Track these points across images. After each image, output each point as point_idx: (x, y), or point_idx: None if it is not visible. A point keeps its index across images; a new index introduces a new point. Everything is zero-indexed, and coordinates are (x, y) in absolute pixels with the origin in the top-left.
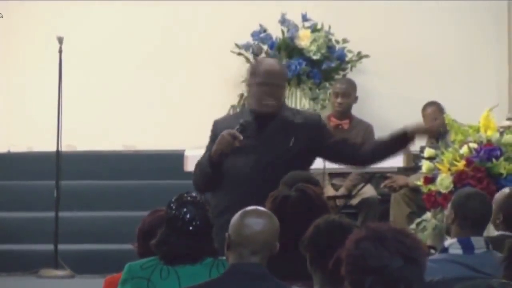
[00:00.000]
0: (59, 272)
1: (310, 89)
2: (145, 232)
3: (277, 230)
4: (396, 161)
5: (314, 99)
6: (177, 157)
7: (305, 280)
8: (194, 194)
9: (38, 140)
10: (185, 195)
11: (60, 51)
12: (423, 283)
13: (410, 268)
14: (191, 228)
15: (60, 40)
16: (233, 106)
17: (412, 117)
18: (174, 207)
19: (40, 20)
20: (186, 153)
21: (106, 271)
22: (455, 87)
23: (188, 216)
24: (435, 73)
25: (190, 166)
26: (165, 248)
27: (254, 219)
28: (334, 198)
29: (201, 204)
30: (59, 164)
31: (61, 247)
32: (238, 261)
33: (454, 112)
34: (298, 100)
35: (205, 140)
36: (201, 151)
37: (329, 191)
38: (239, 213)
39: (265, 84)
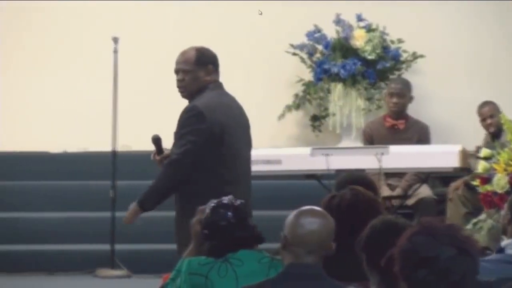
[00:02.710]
0: (116, 272)
1: (365, 89)
2: (197, 234)
3: (333, 229)
4: (452, 161)
5: (369, 99)
6: None
7: (361, 281)
8: (228, 197)
9: (94, 140)
10: (216, 201)
11: (115, 51)
12: (479, 281)
13: (462, 258)
14: (224, 225)
15: (115, 40)
16: (287, 106)
17: (468, 117)
18: (208, 211)
19: (95, 20)
20: None
21: (162, 271)
22: (511, 87)
23: (219, 217)
24: (491, 73)
25: None
26: (209, 248)
27: (310, 219)
28: (390, 198)
29: (231, 202)
30: (115, 164)
31: (117, 247)
32: (294, 261)
33: (510, 112)
34: (353, 100)
35: (261, 140)
36: (257, 152)
37: (385, 192)
38: (294, 213)
39: (175, 72)
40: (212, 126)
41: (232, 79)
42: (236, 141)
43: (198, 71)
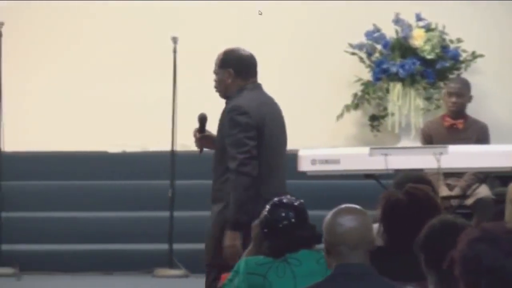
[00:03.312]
0: (174, 272)
1: (424, 88)
2: (256, 233)
3: (371, 224)
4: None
5: (428, 98)
6: (291, 157)
7: (419, 281)
8: (287, 196)
9: (153, 140)
10: (278, 197)
11: (175, 51)
12: None
13: None
14: (285, 225)
15: (175, 40)
16: (346, 106)
17: None
18: (268, 210)
19: (154, 20)
20: (300, 153)
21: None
22: None
23: (281, 216)
24: None
25: (304, 166)
26: (269, 248)
27: (347, 216)
28: (448, 198)
29: (291, 202)
30: (174, 163)
31: (176, 246)
32: (340, 260)
33: None
34: (412, 100)
35: (320, 139)
36: (315, 151)
37: (444, 191)
38: (330, 214)
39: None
40: (256, 121)
41: (291, 79)
42: (274, 137)
43: (222, 73)
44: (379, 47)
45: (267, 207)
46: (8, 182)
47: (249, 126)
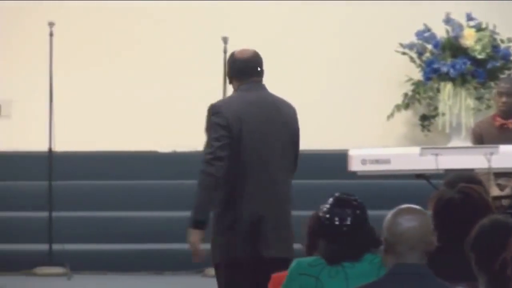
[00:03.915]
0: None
1: (475, 88)
2: (310, 232)
3: (430, 225)
4: None
5: (479, 98)
6: (341, 157)
7: (470, 281)
8: (343, 194)
9: (204, 140)
10: (335, 196)
11: (225, 51)
12: None
13: None
14: (344, 229)
15: (225, 40)
16: (397, 106)
17: None
18: (325, 210)
19: (205, 20)
20: (350, 153)
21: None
22: None
23: (339, 217)
24: None
25: (354, 165)
26: (325, 252)
27: (406, 216)
28: (499, 198)
29: (350, 202)
30: None
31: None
32: (397, 260)
33: None
34: (463, 99)
35: (370, 139)
36: (365, 151)
37: (494, 191)
38: (390, 214)
39: None
40: (228, 121)
41: (342, 79)
42: (255, 137)
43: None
44: (429, 47)
45: (326, 205)
46: (58, 182)
47: (218, 126)
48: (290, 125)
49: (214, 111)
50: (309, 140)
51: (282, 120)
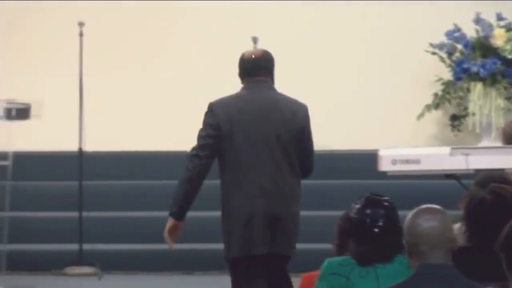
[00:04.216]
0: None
1: (505, 88)
2: (340, 232)
3: (450, 223)
4: None
5: (509, 98)
6: (371, 157)
7: (500, 282)
8: (374, 195)
9: None
10: (366, 196)
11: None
12: None
13: None
14: (376, 230)
15: (255, 40)
16: (427, 106)
17: None
18: (356, 211)
19: (234, 20)
20: (380, 153)
21: (301, 270)
22: None
23: (370, 218)
24: None
25: (384, 166)
26: (356, 253)
27: (426, 216)
28: None
29: (381, 202)
30: None
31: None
32: (421, 260)
33: None
34: (493, 100)
35: (400, 139)
36: (396, 151)
37: None
38: (410, 214)
39: None
40: (218, 119)
41: (372, 79)
42: (247, 134)
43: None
44: (459, 46)
45: (356, 205)
46: (89, 182)
47: (207, 125)
48: (292, 123)
49: (208, 109)
50: (340, 140)
51: (282, 118)
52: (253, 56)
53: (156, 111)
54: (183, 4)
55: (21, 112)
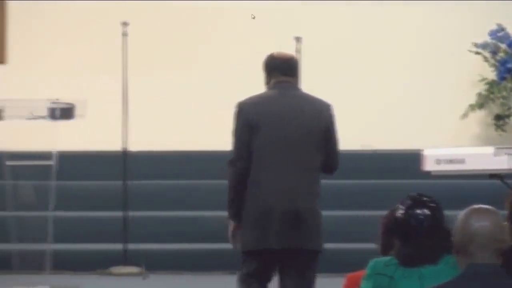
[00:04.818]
0: None
1: None
2: (384, 232)
3: (502, 223)
4: None
5: None
6: (415, 157)
7: None
8: (420, 195)
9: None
10: (412, 196)
11: (299, 51)
12: None
13: None
14: (421, 231)
15: (298, 40)
16: (471, 105)
17: None
18: (402, 211)
19: (278, 20)
20: (424, 153)
21: (345, 270)
22: None
23: (416, 219)
24: None
25: (428, 165)
26: (401, 254)
27: (477, 216)
28: None
29: (427, 203)
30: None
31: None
32: (470, 260)
33: None
34: None
35: (444, 139)
36: (440, 151)
37: None
38: (462, 214)
39: None
40: (248, 118)
41: (416, 79)
42: (272, 134)
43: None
44: (503, 46)
45: (402, 205)
46: (134, 182)
47: (240, 126)
48: (318, 122)
49: (238, 109)
50: (384, 140)
51: (308, 117)
52: (284, 57)
53: (200, 111)
54: (226, 4)
55: (65, 112)
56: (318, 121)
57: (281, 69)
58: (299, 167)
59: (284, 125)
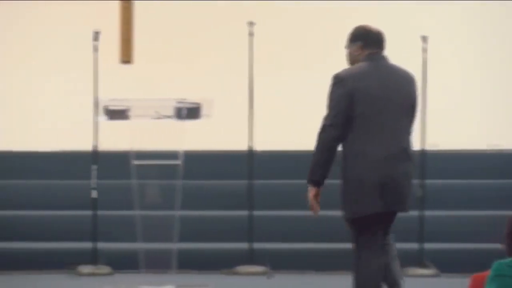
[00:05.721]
0: (425, 271)
1: None
2: (510, 233)
3: None
4: None
5: None
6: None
7: None
8: None
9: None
10: None
11: (425, 50)
12: None
13: None
14: None
15: (424, 39)
16: None
17: None
18: None
19: (404, 19)
20: None
21: (471, 270)
22: None
23: None
24: None
25: None
26: None
27: None
28: None
29: None
30: (425, 162)
31: (428, 246)
32: None
33: None
34: None
35: None
36: None
37: None
38: None
39: None
40: (348, 88)
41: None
42: (373, 102)
43: (350, 47)
44: None
45: None
46: (259, 181)
47: (338, 96)
48: (410, 91)
49: (336, 80)
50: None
51: (403, 87)
52: (376, 30)
53: (325, 110)
54: (354, 4)
55: (191, 112)
56: (411, 90)
57: (376, 41)
58: (401, 133)
59: (386, 93)
